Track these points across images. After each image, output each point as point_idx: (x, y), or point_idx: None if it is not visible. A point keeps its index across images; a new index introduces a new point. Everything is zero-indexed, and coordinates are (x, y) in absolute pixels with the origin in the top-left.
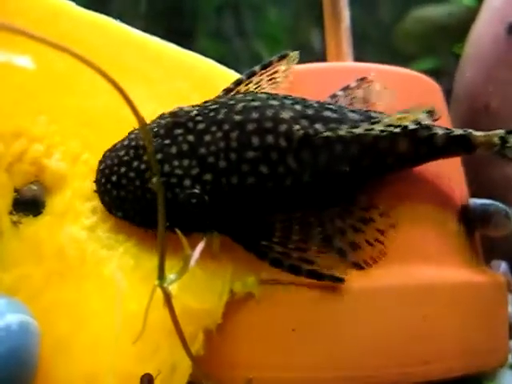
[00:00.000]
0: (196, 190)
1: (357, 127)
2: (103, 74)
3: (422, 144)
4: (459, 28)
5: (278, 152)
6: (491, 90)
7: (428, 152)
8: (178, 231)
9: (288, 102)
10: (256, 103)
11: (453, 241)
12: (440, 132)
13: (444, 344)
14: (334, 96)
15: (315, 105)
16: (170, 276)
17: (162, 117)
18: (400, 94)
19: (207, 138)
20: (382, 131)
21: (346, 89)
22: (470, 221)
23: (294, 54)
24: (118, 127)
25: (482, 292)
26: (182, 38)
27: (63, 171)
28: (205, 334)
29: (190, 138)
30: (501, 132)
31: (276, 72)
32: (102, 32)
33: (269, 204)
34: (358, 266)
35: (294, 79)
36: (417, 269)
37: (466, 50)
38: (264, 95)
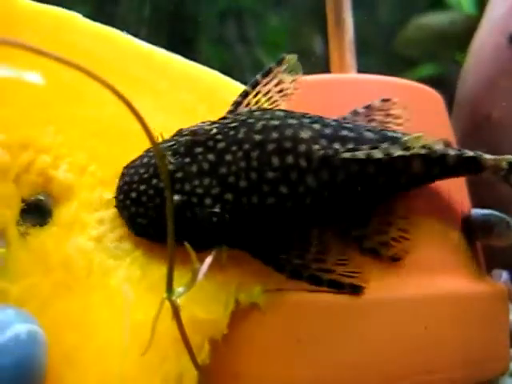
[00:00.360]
0: (217, 210)
1: (375, 148)
2: (111, 88)
3: (434, 164)
4: (460, 35)
5: (298, 172)
6: (493, 100)
7: (440, 172)
8: (187, 245)
9: (306, 120)
10: (275, 122)
11: (455, 251)
12: (452, 153)
13: (446, 354)
14: (355, 113)
15: (333, 123)
16: (178, 289)
17: (180, 134)
18: (402, 106)
19: (228, 157)
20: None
21: (368, 107)
22: (472, 231)
23: (291, 58)
24: (126, 138)
25: (483, 302)
26: (185, 44)
27: (70, 182)
28: (210, 343)
29: (211, 156)
30: (510, 157)
31: (282, 81)
32: (108, 43)
33: (288, 221)
34: (395, 259)
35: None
36: (419, 279)
37: (467, 60)
38: (282, 113)
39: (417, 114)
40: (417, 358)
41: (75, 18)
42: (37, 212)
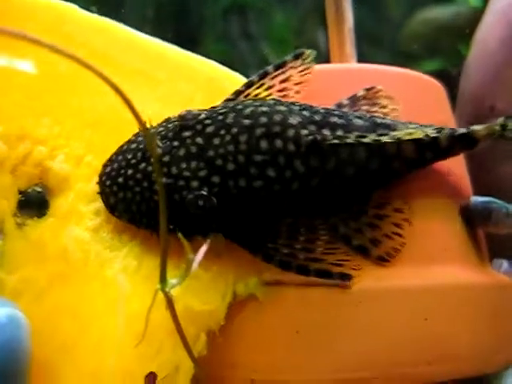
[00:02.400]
0: (204, 192)
1: (364, 136)
2: (104, 77)
3: (427, 148)
4: (466, 29)
5: (286, 156)
6: (497, 91)
7: (433, 155)
8: (180, 235)
9: (295, 107)
10: (264, 108)
11: (456, 240)
12: (443, 134)
13: (447, 345)
14: (339, 105)
15: (321, 111)
16: (172, 280)
17: (169, 121)
18: (404, 95)
19: (216, 140)
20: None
21: (352, 98)
22: (472, 219)
23: (310, 53)
24: (122, 128)
25: (485, 292)
26: (189, 41)
27: (67, 173)
28: (207, 334)
29: (199, 140)
30: (500, 120)
31: (290, 76)
32: (106, 34)
33: (276, 208)
34: (383, 260)
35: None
36: (418, 269)
37: (471, 52)
38: (271, 101)
39: (417, 103)
40: (417, 349)
41: (73, 9)
42: (34, 203)
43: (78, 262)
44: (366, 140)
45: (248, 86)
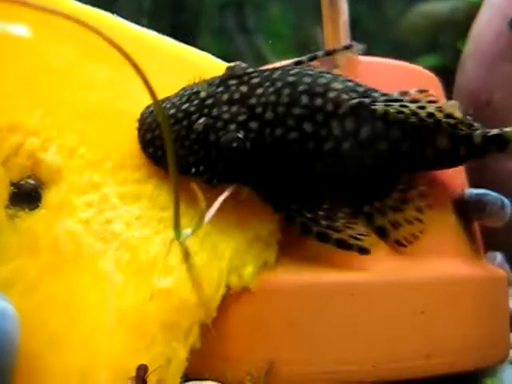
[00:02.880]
0: (239, 135)
1: (407, 106)
2: (114, 44)
3: (461, 142)
4: (464, 23)
5: (324, 115)
6: (493, 85)
7: (467, 151)
8: (194, 185)
9: (340, 77)
10: (310, 72)
11: (451, 232)
12: (477, 131)
13: (444, 339)
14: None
15: (365, 85)
16: (186, 230)
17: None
18: (400, 87)
19: (259, 90)
20: (429, 115)
21: (402, 93)
22: (467, 212)
23: (359, 46)
24: (114, 120)
25: (481, 286)
26: (186, 35)
27: (59, 165)
28: (200, 327)
29: (243, 88)
30: None
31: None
32: (98, 25)
33: (307, 168)
34: (400, 244)
35: None
36: (414, 263)
37: (467, 46)
38: (317, 70)
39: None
40: (414, 343)
41: (66, 1)
42: (26, 195)
43: (70, 253)
44: (408, 108)
45: (296, 63)
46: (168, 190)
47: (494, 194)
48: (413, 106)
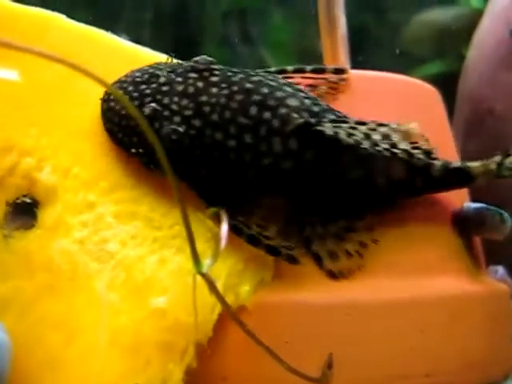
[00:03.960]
0: (180, 129)
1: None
2: (96, 78)
3: (417, 173)
4: (467, 30)
5: (268, 129)
6: (496, 94)
7: (425, 183)
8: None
9: (301, 94)
10: (272, 83)
11: (450, 248)
12: (437, 163)
13: (444, 357)
14: None
15: (325, 106)
16: (206, 261)
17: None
18: (398, 101)
19: (213, 90)
20: (383, 138)
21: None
22: (466, 226)
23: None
24: (109, 138)
25: (482, 302)
26: (189, 45)
27: (54, 184)
28: (197, 347)
29: (199, 84)
30: (497, 158)
31: (320, 84)
32: (92, 43)
33: (241, 177)
34: (333, 276)
35: None
36: (413, 280)
37: (469, 54)
38: (283, 81)
39: (412, 109)
40: (413, 362)
41: (58, 18)
42: (22, 215)
43: (66, 273)
44: (343, 136)
45: (279, 71)
46: (163, 209)
47: (492, 207)
48: (363, 129)
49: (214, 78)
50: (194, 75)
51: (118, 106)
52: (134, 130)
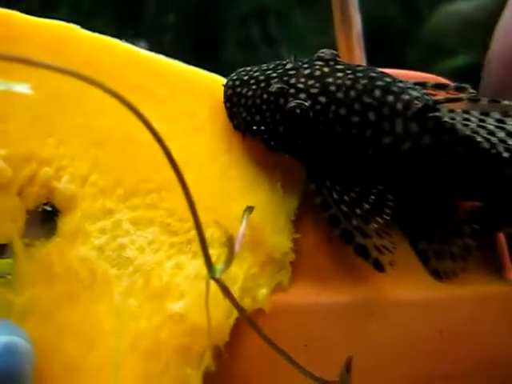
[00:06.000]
0: (306, 103)
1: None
2: (112, 92)
3: None
4: (491, 21)
5: (391, 110)
6: None
7: None
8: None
9: (421, 91)
10: (396, 79)
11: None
12: None
13: (464, 359)
14: None
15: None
16: (219, 266)
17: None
18: None
19: (339, 74)
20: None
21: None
22: (486, 221)
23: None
24: (125, 146)
25: (504, 302)
26: (210, 47)
27: (72, 193)
28: (215, 351)
29: (325, 69)
30: None
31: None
32: (107, 53)
33: (358, 153)
34: (437, 275)
35: None
36: (432, 280)
37: (492, 44)
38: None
39: None
40: (431, 364)
41: (73, 29)
42: (43, 224)
43: (85, 280)
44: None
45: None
46: (180, 213)
47: None
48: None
49: (339, 66)
50: (320, 63)
51: (243, 89)
52: (258, 108)
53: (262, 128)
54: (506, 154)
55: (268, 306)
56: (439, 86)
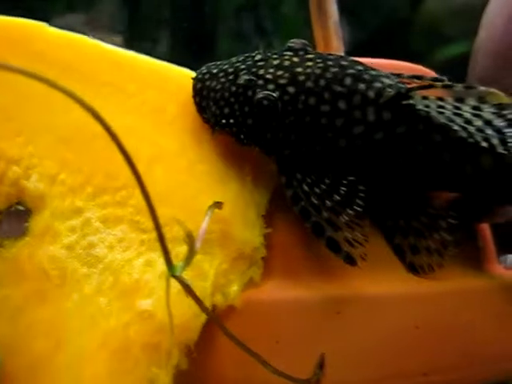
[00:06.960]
0: (274, 94)
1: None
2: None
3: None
4: (482, 9)
5: (362, 98)
6: (506, 76)
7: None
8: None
9: (395, 78)
10: (368, 67)
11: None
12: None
13: (444, 355)
14: None
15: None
16: (179, 264)
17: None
18: None
19: (309, 63)
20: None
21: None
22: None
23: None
24: (95, 144)
25: (487, 295)
26: (205, 40)
27: (41, 192)
28: (187, 349)
29: (295, 59)
30: None
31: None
32: (76, 49)
33: (329, 143)
34: (413, 269)
35: None
36: (407, 275)
37: (479, 34)
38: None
39: None
40: (409, 360)
41: (42, 26)
42: (16, 223)
43: (55, 279)
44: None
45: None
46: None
47: None
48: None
49: (310, 56)
50: (289, 53)
51: (212, 82)
52: (227, 101)
53: (232, 121)
54: (484, 144)
55: (239, 302)
56: (415, 77)
